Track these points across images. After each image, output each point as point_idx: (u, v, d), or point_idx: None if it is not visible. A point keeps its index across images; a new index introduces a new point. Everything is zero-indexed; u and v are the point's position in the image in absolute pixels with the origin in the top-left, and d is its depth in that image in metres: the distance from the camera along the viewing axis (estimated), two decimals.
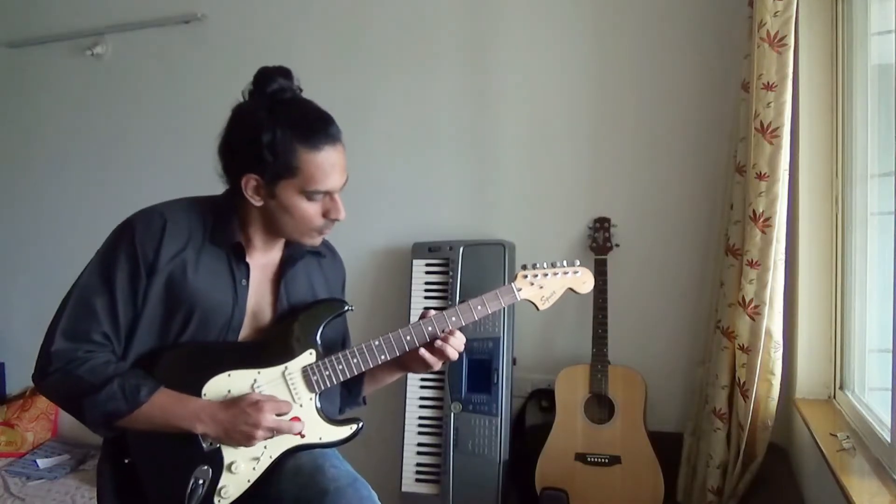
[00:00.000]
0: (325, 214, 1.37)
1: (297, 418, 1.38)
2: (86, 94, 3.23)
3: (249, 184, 1.33)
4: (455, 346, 1.44)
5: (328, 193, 1.36)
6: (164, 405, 1.31)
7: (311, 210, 1.35)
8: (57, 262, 3.24)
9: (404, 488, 2.42)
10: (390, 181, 2.76)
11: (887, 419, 1.52)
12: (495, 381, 2.38)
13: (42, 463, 2.91)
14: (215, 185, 1.45)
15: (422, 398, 2.48)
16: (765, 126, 1.91)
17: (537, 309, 1.53)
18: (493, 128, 2.67)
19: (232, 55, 2.94)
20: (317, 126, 1.33)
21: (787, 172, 1.92)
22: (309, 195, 1.34)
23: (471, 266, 2.47)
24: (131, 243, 1.33)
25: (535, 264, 1.53)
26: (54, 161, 3.31)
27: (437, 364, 1.45)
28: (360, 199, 1.41)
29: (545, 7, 2.61)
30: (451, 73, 2.71)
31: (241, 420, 1.31)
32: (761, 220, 1.94)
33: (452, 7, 2.71)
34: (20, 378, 3.36)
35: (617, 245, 2.46)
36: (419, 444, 2.46)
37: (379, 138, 2.76)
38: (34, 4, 3.32)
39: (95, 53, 3.14)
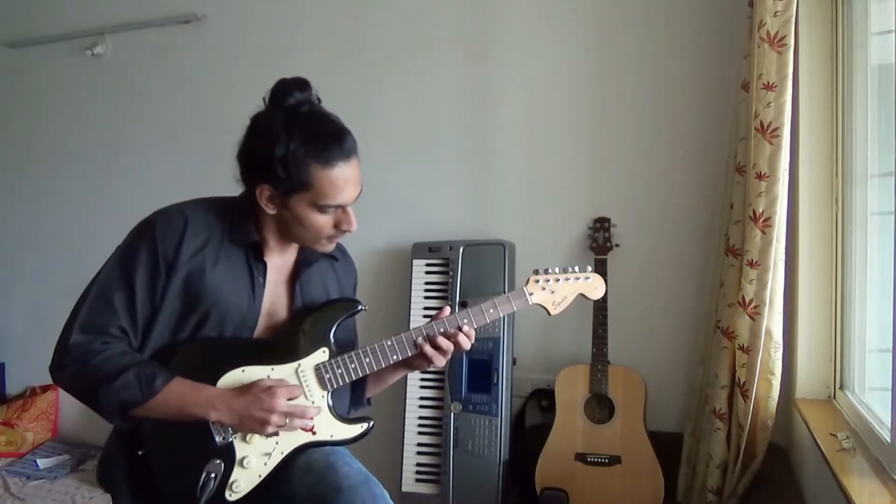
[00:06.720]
0: (336, 225, 1.40)
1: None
2: (86, 94, 3.23)
3: (263, 194, 1.36)
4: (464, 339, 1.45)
5: (340, 206, 1.38)
6: (179, 393, 1.33)
7: (322, 221, 1.38)
8: (57, 262, 3.25)
9: (404, 488, 2.42)
10: (390, 181, 2.76)
11: (887, 419, 1.52)
12: (495, 381, 2.38)
13: (42, 463, 2.91)
14: (215, 185, 1.47)
15: (422, 398, 2.48)
16: (765, 126, 1.91)
17: (549, 314, 1.52)
18: (493, 128, 2.67)
19: (232, 55, 2.92)
20: (331, 142, 1.33)
21: (787, 172, 1.92)
22: (321, 208, 1.36)
23: (471, 266, 2.46)
24: (152, 240, 1.36)
25: (548, 269, 1.52)
26: (54, 161, 3.31)
27: (442, 361, 1.46)
28: (360, 199, 1.42)
29: (545, 7, 2.61)
30: (451, 73, 2.72)
31: (255, 406, 1.33)
32: (761, 220, 1.94)
33: (452, 7, 2.71)
34: (20, 378, 3.36)
35: (617, 245, 2.45)
36: (419, 444, 2.46)
37: (379, 138, 2.75)
38: (34, 4, 3.33)
39: (95, 53, 3.14)
